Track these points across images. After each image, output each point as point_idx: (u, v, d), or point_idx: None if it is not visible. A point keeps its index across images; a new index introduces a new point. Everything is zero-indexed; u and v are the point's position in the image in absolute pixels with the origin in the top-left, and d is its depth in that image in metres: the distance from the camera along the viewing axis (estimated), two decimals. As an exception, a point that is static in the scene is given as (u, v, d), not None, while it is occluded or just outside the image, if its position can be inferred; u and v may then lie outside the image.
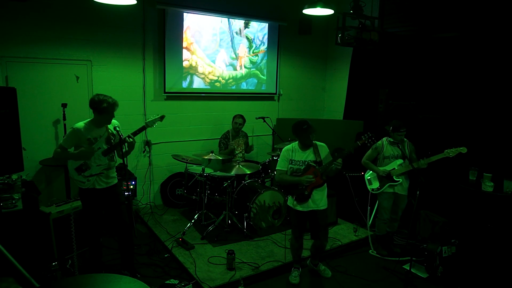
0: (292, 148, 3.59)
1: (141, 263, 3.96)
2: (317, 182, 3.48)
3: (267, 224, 4.85)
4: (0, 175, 3.51)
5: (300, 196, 3.51)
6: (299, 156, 3.54)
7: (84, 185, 3.29)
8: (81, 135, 3.21)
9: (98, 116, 3.25)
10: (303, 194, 3.49)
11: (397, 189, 4.20)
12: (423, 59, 5.34)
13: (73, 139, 3.22)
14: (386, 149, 4.26)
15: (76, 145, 3.25)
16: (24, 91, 4.40)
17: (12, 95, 3.10)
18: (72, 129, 3.22)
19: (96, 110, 3.21)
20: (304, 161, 3.52)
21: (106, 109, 3.20)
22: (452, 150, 3.87)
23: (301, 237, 3.72)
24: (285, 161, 3.58)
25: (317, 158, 3.51)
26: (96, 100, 3.19)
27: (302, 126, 3.44)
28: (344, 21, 5.02)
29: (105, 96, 3.23)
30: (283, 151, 3.62)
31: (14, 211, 3.47)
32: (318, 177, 3.47)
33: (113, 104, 3.25)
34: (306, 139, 3.48)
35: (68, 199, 4.22)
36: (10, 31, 4.39)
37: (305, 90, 7.14)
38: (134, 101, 5.35)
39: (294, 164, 3.55)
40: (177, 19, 5.45)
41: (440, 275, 3.84)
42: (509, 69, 4.46)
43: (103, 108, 3.18)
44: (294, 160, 3.55)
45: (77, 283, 1.78)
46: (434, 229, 4.47)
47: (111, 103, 3.23)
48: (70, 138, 3.23)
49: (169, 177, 5.69)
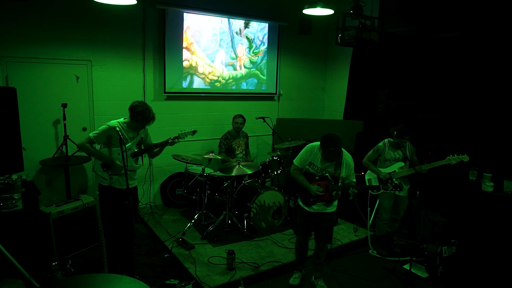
0: (316, 151, 3.38)
1: (141, 263, 3.96)
2: (325, 197, 3.37)
3: (267, 224, 4.85)
4: (0, 175, 3.51)
5: (305, 200, 3.47)
6: (320, 162, 3.37)
7: (105, 182, 3.34)
8: (114, 134, 3.24)
9: (133, 122, 3.34)
10: (309, 200, 3.44)
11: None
12: (423, 59, 5.33)
13: (105, 135, 3.25)
14: (387, 151, 4.25)
15: (106, 142, 3.28)
16: (24, 91, 4.40)
17: (12, 95, 3.09)
18: (108, 127, 3.25)
19: (133, 117, 3.31)
20: (322, 169, 3.37)
21: (142, 120, 3.32)
22: (454, 158, 3.85)
23: (306, 240, 3.67)
24: (304, 160, 3.43)
25: (336, 172, 3.34)
26: (139, 110, 3.28)
27: (328, 148, 3.19)
28: (344, 21, 5.01)
29: (149, 107, 3.34)
30: (307, 148, 3.42)
31: (14, 211, 3.46)
32: (328, 193, 3.35)
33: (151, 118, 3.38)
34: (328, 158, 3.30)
35: (68, 199, 4.22)
36: (10, 31, 4.40)
37: (305, 90, 7.14)
38: (134, 101, 5.35)
39: (312, 167, 3.42)
40: (177, 19, 5.45)
41: (440, 275, 3.84)
42: (509, 69, 4.46)
43: (141, 119, 3.31)
44: (314, 164, 3.40)
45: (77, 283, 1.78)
46: (434, 229, 4.47)
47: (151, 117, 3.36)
48: (103, 135, 3.26)
49: (169, 177, 5.69)
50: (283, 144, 5.39)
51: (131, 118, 3.34)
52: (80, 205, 3.89)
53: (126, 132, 3.34)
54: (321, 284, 3.64)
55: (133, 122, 3.34)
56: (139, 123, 3.34)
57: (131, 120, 3.34)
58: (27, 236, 3.55)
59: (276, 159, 5.17)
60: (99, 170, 3.33)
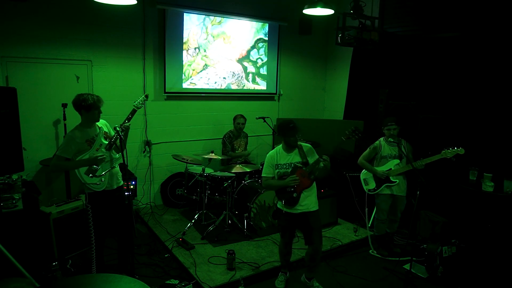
0: (276, 152, 3.47)
1: (141, 263, 3.96)
2: (304, 183, 3.37)
3: (267, 224, 4.85)
4: (1, 175, 3.51)
5: (289, 200, 3.41)
6: (284, 159, 3.42)
7: (99, 186, 3.25)
8: (78, 139, 3.18)
9: (86, 114, 3.23)
10: (292, 197, 3.39)
11: (395, 190, 4.19)
12: (423, 59, 5.33)
13: (72, 146, 3.17)
14: (384, 149, 4.26)
15: (76, 152, 3.20)
16: (24, 91, 4.40)
17: (12, 95, 3.09)
18: (68, 136, 3.19)
19: (84, 108, 3.19)
20: (290, 163, 3.40)
21: (93, 105, 3.20)
22: (450, 151, 3.79)
23: (291, 243, 3.64)
24: (270, 167, 3.45)
25: (302, 159, 3.41)
26: (81, 99, 3.19)
27: (288, 125, 3.31)
28: (344, 21, 5.01)
29: (86, 93, 3.25)
30: (267, 158, 3.48)
31: (14, 211, 3.47)
32: (305, 178, 3.37)
33: (98, 99, 3.26)
34: (292, 140, 3.36)
35: (68, 199, 4.22)
36: (11, 31, 4.40)
37: (305, 90, 7.14)
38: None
39: (280, 168, 3.44)
40: (177, 19, 5.45)
41: (440, 275, 3.84)
42: (509, 69, 4.46)
43: (90, 105, 3.18)
44: (280, 164, 3.42)
45: (77, 283, 1.78)
46: (434, 229, 4.47)
47: (96, 98, 3.25)
48: (69, 146, 3.16)
49: (169, 177, 5.69)
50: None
51: (83, 112, 3.22)
52: (80, 205, 3.90)
53: (87, 132, 3.26)
54: (317, 285, 3.60)
55: (86, 114, 3.23)
56: (94, 108, 3.21)
57: (84, 114, 3.23)
58: (27, 236, 3.55)
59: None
60: (87, 179, 3.23)
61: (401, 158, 4.16)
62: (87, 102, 3.17)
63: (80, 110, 3.22)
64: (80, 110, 3.23)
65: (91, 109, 3.21)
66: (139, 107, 3.47)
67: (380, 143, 4.29)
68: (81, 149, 3.21)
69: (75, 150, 3.19)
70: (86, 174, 3.22)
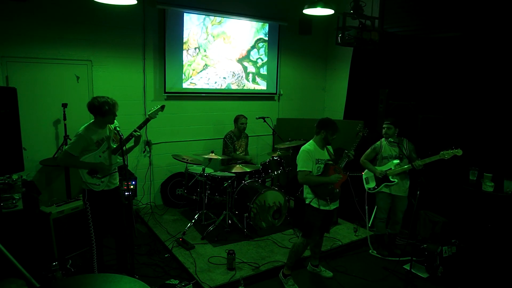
0: (313, 148, 3.50)
1: (141, 263, 3.96)
2: (344, 178, 3.54)
3: (268, 224, 4.85)
4: (1, 175, 3.51)
5: (333, 196, 3.52)
6: (320, 155, 3.52)
7: (98, 187, 3.28)
8: (89, 139, 3.20)
9: (101, 119, 3.25)
10: (334, 193, 3.52)
11: (394, 189, 4.19)
12: (423, 59, 5.33)
13: (81, 144, 3.19)
14: (384, 149, 4.27)
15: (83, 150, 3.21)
16: (24, 91, 4.40)
17: (12, 95, 3.10)
18: (79, 135, 3.19)
19: (99, 113, 3.21)
20: (323, 160, 3.53)
21: (109, 111, 3.22)
22: (448, 152, 3.83)
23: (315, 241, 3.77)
24: (310, 161, 3.45)
25: (331, 156, 3.58)
26: (96, 105, 3.19)
27: (335, 122, 3.52)
28: (344, 21, 5.01)
29: (103, 97, 3.23)
30: (304, 152, 3.47)
31: (14, 211, 3.47)
32: (343, 174, 3.55)
33: (114, 104, 3.27)
34: (333, 137, 3.52)
35: (68, 199, 4.22)
36: (10, 31, 4.40)
37: (305, 90, 7.14)
38: (134, 101, 5.35)
39: (320, 163, 3.51)
40: (177, 19, 5.45)
41: (441, 275, 3.84)
42: (509, 69, 4.46)
43: (106, 111, 3.20)
44: (319, 159, 3.51)
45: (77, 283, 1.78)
46: (434, 229, 4.47)
47: (112, 104, 3.24)
48: (78, 144, 3.18)
49: (170, 177, 5.69)
50: (283, 144, 5.39)
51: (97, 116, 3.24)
52: (80, 205, 3.90)
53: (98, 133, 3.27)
54: (323, 269, 3.88)
55: (101, 118, 3.24)
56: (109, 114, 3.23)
57: (99, 118, 3.25)
58: (28, 236, 3.56)
59: (276, 159, 5.17)
60: (88, 179, 3.25)
61: (401, 158, 4.17)
62: (103, 108, 3.19)
63: (96, 115, 3.24)
64: (96, 114, 3.24)
65: (106, 115, 3.24)
66: (152, 117, 3.53)
67: (380, 143, 4.31)
68: (88, 148, 3.22)
69: (83, 147, 3.21)
70: (88, 174, 3.26)
